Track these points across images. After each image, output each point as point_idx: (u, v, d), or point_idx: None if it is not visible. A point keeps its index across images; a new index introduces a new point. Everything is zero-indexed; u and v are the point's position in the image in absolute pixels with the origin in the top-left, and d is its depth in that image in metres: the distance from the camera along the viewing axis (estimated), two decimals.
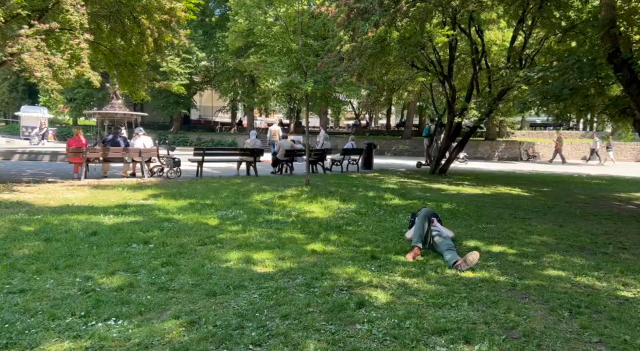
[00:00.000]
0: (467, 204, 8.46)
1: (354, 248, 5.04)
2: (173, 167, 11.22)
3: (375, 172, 15.32)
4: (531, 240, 5.69)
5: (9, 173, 11.98)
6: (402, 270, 4.30)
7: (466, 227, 6.39)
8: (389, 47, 11.71)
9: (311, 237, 5.49)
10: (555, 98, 7.54)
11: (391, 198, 8.79)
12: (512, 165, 23.18)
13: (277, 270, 4.15)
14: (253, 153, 12.01)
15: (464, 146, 15.42)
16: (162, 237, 5.17)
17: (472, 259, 4.35)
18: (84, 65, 8.32)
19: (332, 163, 14.74)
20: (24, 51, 7.22)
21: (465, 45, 14.59)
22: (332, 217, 6.80)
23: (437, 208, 7.81)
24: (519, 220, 7.08)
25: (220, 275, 3.89)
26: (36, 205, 7.05)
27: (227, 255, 4.50)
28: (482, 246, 5.30)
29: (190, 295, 3.39)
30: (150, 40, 10.00)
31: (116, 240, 4.90)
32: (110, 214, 6.28)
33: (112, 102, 18.92)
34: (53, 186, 9.40)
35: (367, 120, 52.98)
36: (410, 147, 31.41)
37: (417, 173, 15.16)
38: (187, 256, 4.46)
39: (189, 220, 6.20)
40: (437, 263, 4.55)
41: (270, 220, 6.38)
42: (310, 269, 4.19)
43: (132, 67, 10.68)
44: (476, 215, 7.39)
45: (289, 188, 9.79)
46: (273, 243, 5.10)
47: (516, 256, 4.90)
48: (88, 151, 10.40)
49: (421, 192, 10.12)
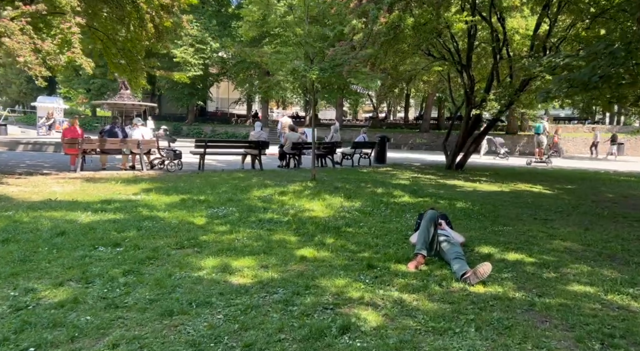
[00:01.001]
0: (483, 203, 7.80)
1: (350, 254, 4.45)
2: (174, 159, 10.75)
3: (388, 166, 14.66)
4: (553, 246, 5.03)
5: (6, 164, 11.66)
6: (401, 282, 3.71)
7: (480, 230, 5.75)
8: (403, 34, 11.02)
9: (304, 240, 4.92)
10: (583, 86, 6.80)
11: (400, 196, 8.17)
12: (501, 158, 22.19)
13: (256, 281, 3.60)
14: (258, 146, 11.46)
15: (481, 140, 14.65)
16: (137, 238, 4.66)
17: (482, 271, 3.73)
18: (75, 50, 7.86)
19: (343, 157, 14.14)
20: (7, 34, 6.79)
21: (486, 34, 13.78)
22: (333, 217, 6.22)
23: (450, 208, 7.19)
24: (540, 222, 6.40)
25: (187, 288, 3.35)
26: (16, 199, 6.61)
27: (202, 262, 3.96)
28: (496, 253, 4.66)
29: (142, 315, 2.85)
30: (150, 26, 9.50)
31: (84, 241, 4.40)
32: (90, 211, 5.79)
33: (120, 92, 18.61)
34: (45, 178, 8.99)
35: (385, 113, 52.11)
36: (428, 140, 30.56)
37: (432, 169, 14.47)
38: (156, 262, 3.93)
39: (174, 218, 5.68)
40: (443, 275, 3.94)
41: (263, 220, 5.83)
42: (294, 280, 3.62)
43: (130, 54, 10.20)
44: (492, 215, 6.73)
45: (292, 183, 9.23)
46: (259, 247, 4.54)
47: (535, 266, 4.26)
48: (84, 142, 9.99)
49: (434, 189, 9.46)
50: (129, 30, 9.61)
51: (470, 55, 13.40)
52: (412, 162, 17.77)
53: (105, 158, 10.93)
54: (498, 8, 12.54)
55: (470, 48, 13.32)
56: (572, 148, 26.62)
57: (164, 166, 10.95)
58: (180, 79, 12.69)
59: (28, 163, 11.95)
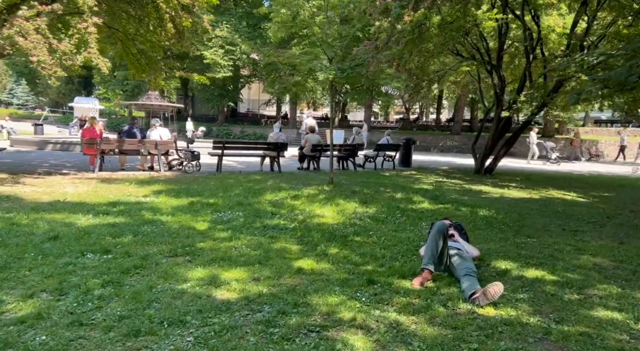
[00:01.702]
0: (508, 211, 7.31)
1: (352, 266, 4.12)
2: (192, 160, 10.63)
3: (413, 170, 14.19)
4: (580, 262, 4.55)
5: (30, 163, 11.80)
6: (402, 301, 3.36)
7: (500, 241, 5.32)
8: (428, 33, 10.57)
9: (306, 250, 4.62)
10: (619, 87, 6.24)
11: (420, 202, 7.76)
12: (571, 165, 21.23)
13: (242, 296, 3.31)
14: (276, 148, 11.23)
15: (513, 144, 13.98)
16: (131, 244, 4.45)
17: (493, 292, 3.34)
18: (91, 50, 7.80)
19: (365, 160, 13.75)
20: (22, 34, 6.76)
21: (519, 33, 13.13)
22: (342, 224, 5.89)
23: (471, 216, 6.76)
24: (569, 234, 5.90)
25: (164, 303, 3.10)
26: (26, 200, 6.55)
27: (190, 273, 3.70)
28: (514, 269, 4.24)
29: (105, 335, 2.60)
30: (170, 26, 9.40)
31: (74, 247, 4.21)
32: (92, 213, 5.64)
33: (148, 93, 18.82)
34: (62, 178, 8.98)
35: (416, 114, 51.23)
36: (459, 143, 29.74)
37: (459, 173, 13.92)
38: (142, 272, 3.70)
39: (176, 223, 5.47)
40: (450, 293, 3.56)
41: (268, 226, 5.56)
42: (283, 296, 3.32)
43: (149, 54, 10.14)
44: (516, 225, 6.26)
45: (308, 186, 8.94)
46: (256, 257, 4.26)
47: (557, 285, 3.82)
48: (102, 142, 9.97)
49: (457, 195, 9.00)
50: (148, 30, 9.55)
51: (500, 54, 12.80)
52: (439, 165, 17.22)
53: (124, 158, 10.90)
54: (532, 6, 11.92)
55: (501, 47, 12.72)
56: (614, 152, 25.29)
57: (182, 167, 10.84)
58: (199, 80, 12.55)
59: (52, 163, 12.07)
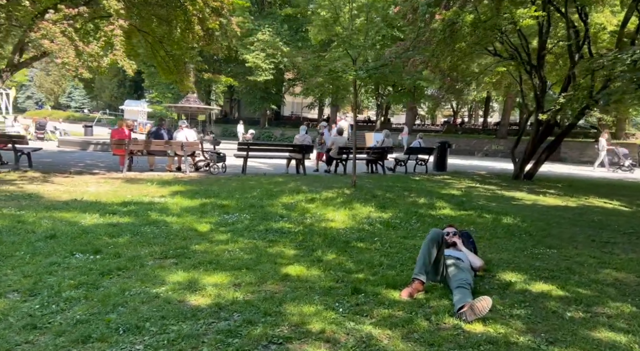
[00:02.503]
0: (536, 219, 6.86)
1: (343, 274, 3.91)
2: (217, 162, 10.70)
3: (447, 174, 13.71)
4: (599, 277, 4.15)
5: (67, 163, 12.23)
6: (383, 313, 3.14)
7: (516, 252, 4.95)
8: (460, 32, 10.16)
9: (302, 255, 4.45)
10: None
11: (442, 207, 7.43)
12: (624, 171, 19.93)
13: (214, 302, 3.18)
14: (301, 150, 11.12)
15: (555, 148, 13.26)
16: (125, 245, 4.43)
17: (481, 307, 3.06)
18: (116, 52, 7.97)
19: (396, 164, 13.42)
20: (48, 37, 6.98)
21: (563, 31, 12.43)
22: (350, 228, 5.68)
23: (493, 223, 6.39)
24: (597, 246, 5.43)
25: (130, 308, 3.01)
26: (44, 198, 6.72)
27: (170, 276, 3.62)
28: (520, 282, 3.91)
29: (54, 340, 2.50)
30: (197, 28, 9.50)
31: (67, 246, 4.22)
32: (99, 213, 5.70)
33: (187, 96, 19.22)
34: (89, 178, 9.21)
35: (464, 117, 50.00)
36: (505, 147, 28.60)
37: (496, 178, 13.33)
38: (123, 274, 3.65)
39: (179, 224, 5.44)
40: (440, 306, 3.30)
41: (271, 229, 5.43)
42: (257, 304, 3.17)
43: (177, 56, 10.29)
44: (540, 234, 5.84)
45: (329, 189, 8.77)
46: (246, 261, 4.13)
47: (563, 301, 3.48)
48: (130, 143, 10.21)
49: (486, 201, 8.57)
50: (175, 33, 9.69)
51: (541, 54, 12.15)
52: (478, 169, 16.59)
53: (152, 159, 11.11)
54: (580, 2, 11.23)
55: (542, 46, 12.08)
56: None
57: (208, 168, 10.93)
58: (227, 82, 12.66)
59: (87, 162, 12.47)
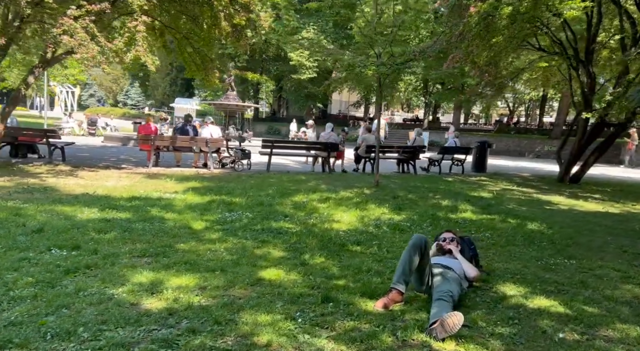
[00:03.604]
0: (566, 226, 6.30)
1: (322, 280, 3.63)
2: (242, 158, 10.64)
3: (485, 175, 13.03)
4: (616, 293, 3.65)
5: (101, 157, 12.52)
6: (346, 325, 2.85)
7: (529, 261, 4.49)
8: (496, 25, 9.57)
9: (287, 258, 4.20)
10: None
11: (463, 210, 6.97)
12: None
13: (168, 307, 2.97)
14: (326, 148, 10.86)
15: (605, 149, 12.29)
16: (108, 241, 4.31)
17: (451, 323, 2.72)
18: (139, 48, 8.04)
19: (430, 163, 12.89)
20: (69, 33, 7.12)
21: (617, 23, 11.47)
22: (353, 230, 5.38)
23: (515, 229, 5.91)
24: (628, 258, 4.86)
25: (74, 310, 2.80)
26: (58, 191, 6.80)
27: (135, 277, 3.46)
28: (518, 295, 3.50)
29: None
30: (224, 24, 9.44)
31: (49, 241, 4.13)
32: (99, 207, 5.67)
33: (227, 94, 19.42)
34: (113, 172, 9.33)
35: (518, 117, 48.01)
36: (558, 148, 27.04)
37: (538, 181, 12.54)
38: (89, 272, 3.50)
39: (176, 221, 5.31)
40: (414, 320, 2.97)
41: (268, 229, 5.21)
42: (213, 311, 2.93)
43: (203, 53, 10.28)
44: (563, 243, 5.32)
45: (349, 189, 8.48)
46: (225, 262, 3.91)
47: (560, 320, 3.06)
48: (156, 139, 10.32)
49: (516, 205, 8.01)
50: (202, 29, 9.69)
51: (590, 48, 11.28)
52: (522, 171, 15.72)
53: (179, 155, 11.20)
54: None
55: (591, 39, 11.21)
56: None
57: (235, 165, 10.88)
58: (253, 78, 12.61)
59: (121, 157, 12.69)
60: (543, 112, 44.20)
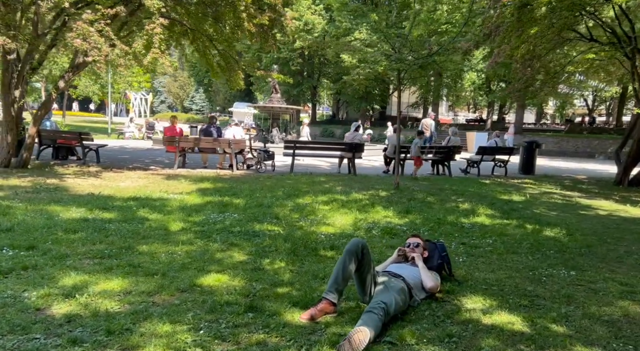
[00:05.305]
0: (590, 233, 5.62)
1: (264, 287, 3.33)
2: (265, 160, 10.52)
3: (532, 177, 12.08)
4: (603, 311, 3.11)
5: (137, 159, 12.78)
6: (252, 339, 2.54)
7: (520, 271, 3.96)
8: (532, 14, 8.83)
9: (246, 262, 3.93)
10: None
11: (479, 215, 6.42)
12: None
13: (72, 313, 2.72)
14: (351, 149, 10.48)
15: None
16: (71, 241, 4.18)
17: (358, 340, 2.37)
18: (155, 50, 8.15)
19: (468, 165, 12.13)
20: (84, 37, 7.31)
21: None
22: (340, 234, 5.03)
23: (530, 235, 5.36)
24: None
25: None
26: (67, 191, 6.89)
27: (65, 279, 3.29)
28: (479, 309, 3.05)
29: None
30: (248, 25, 9.38)
31: (10, 240, 4.09)
32: (87, 208, 5.63)
33: (271, 97, 19.51)
34: (136, 173, 9.43)
35: (596, 116, 44.73)
36: None
37: (590, 184, 11.47)
38: (22, 275, 3.30)
39: (157, 222, 5.21)
40: (337, 334, 2.63)
41: (248, 231, 4.96)
42: (117, 320, 2.68)
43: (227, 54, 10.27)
44: (575, 252, 4.70)
45: (365, 191, 8.11)
46: (171, 266, 3.67)
47: (507, 340, 2.61)
48: (181, 140, 10.43)
49: (545, 209, 7.30)
50: (225, 31, 9.68)
51: None
52: (580, 173, 14.48)
53: (205, 157, 11.26)
54: None
55: None
56: None
57: (258, 166, 10.77)
58: (278, 78, 12.46)
59: (156, 160, 12.77)
60: (622, 110, 40.86)
